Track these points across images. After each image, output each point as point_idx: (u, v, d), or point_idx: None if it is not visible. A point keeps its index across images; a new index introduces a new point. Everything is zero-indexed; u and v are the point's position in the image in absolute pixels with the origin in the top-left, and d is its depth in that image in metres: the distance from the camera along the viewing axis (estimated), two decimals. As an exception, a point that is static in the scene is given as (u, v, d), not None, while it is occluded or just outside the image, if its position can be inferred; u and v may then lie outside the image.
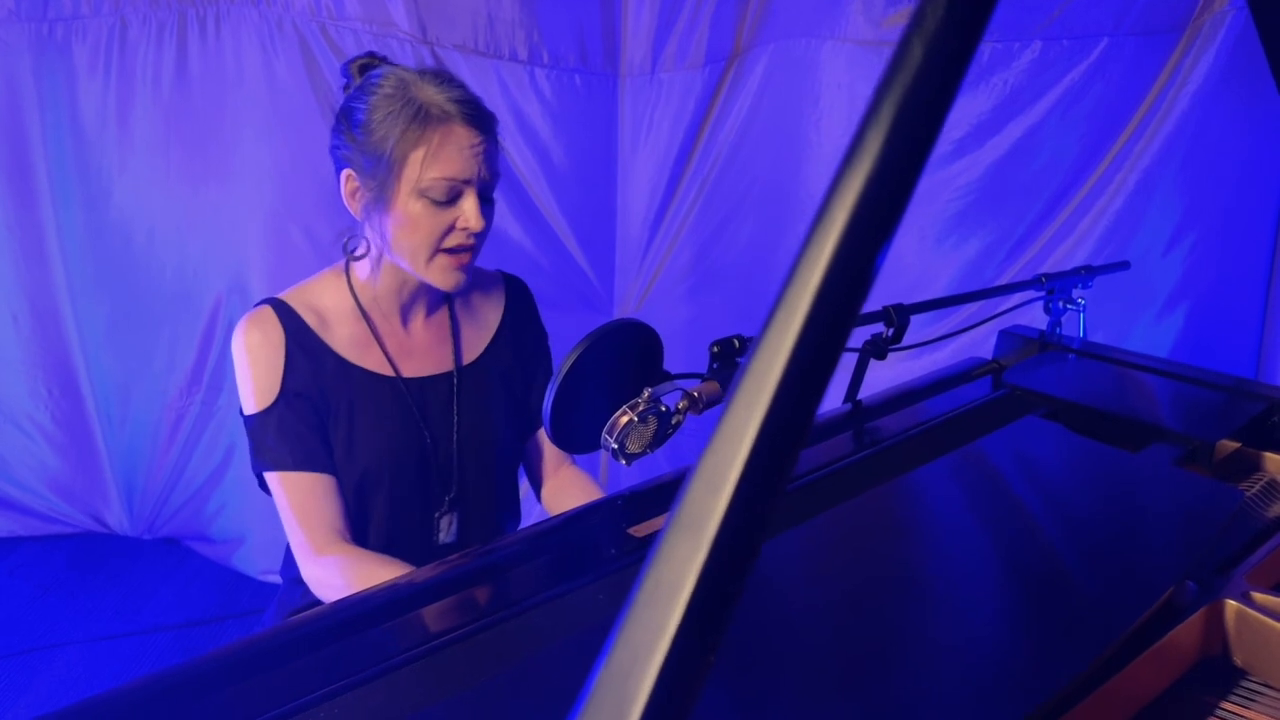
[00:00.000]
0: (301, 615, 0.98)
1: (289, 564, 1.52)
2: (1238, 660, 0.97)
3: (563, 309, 2.67)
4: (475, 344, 1.47)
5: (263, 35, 2.55)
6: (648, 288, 2.85)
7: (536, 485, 1.59)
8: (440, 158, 1.24)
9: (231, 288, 2.73)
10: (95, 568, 2.98)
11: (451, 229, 1.28)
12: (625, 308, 2.87)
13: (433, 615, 0.94)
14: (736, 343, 1.24)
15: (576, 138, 2.68)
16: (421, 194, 1.25)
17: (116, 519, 3.10)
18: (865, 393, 1.46)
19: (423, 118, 1.24)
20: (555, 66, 2.61)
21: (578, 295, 2.82)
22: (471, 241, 1.30)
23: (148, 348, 2.85)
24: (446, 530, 1.44)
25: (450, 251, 1.30)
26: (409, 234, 1.28)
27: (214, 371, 2.83)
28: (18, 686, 2.48)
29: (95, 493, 3.08)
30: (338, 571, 1.27)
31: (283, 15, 2.54)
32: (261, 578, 2.91)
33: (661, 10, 2.58)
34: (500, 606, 0.92)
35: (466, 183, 1.27)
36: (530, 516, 1.64)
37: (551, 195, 2.70)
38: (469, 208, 1.27)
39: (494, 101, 2.61)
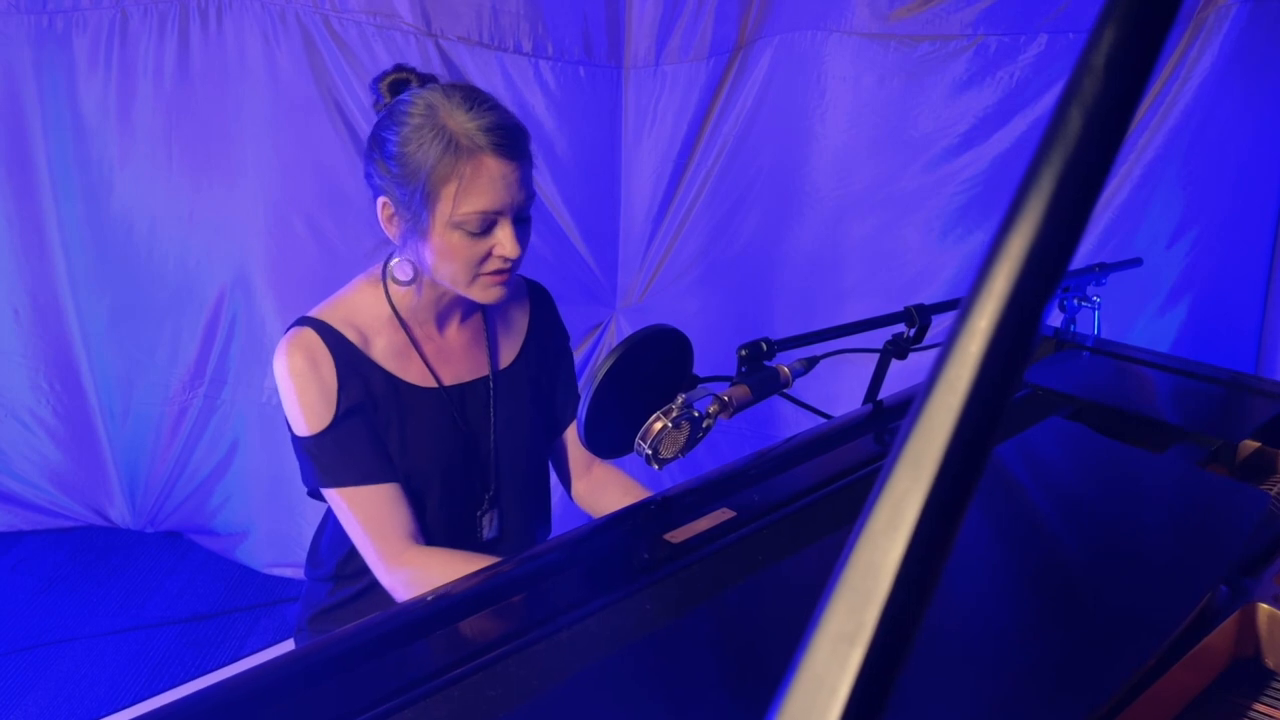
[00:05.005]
0: (332, 635, 0.97)
1: (314, 563, 1.54)
2: (1269, 662, 0.98)
3: (566, 301, 2.64)
4: (508, 349, 1.49)
5: (265, 27, 2.54)
6: (651, 280, 2.86)
7: (566, 481, 1.62)
8: (472, 191, 1.23)
9: (235, 280, 2.72)
10: (98, 561, 2.97)
11: (489, 255, 1.28)
12: (628, 300, 2.88)
13: (470, 631, 0.95)
14: (764, 345, 1.24)
15: (580, 130, 2.67)
16: (457, 226, 1.25)
17: (119, 513, 3.09)
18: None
19: (453, 150, 1.22)
20: (559, 59, 2.60)
21: (581, 287, 2.83)
22: (509, 265, 1.30)
23: (150, 341, 2.84)
24: (489, 527, 1.47)
25: (490, 273, 1.30)
26: (447, 262, 1.28)
27: (217, 364, 2.82)
28: (23, 684, 2.48)
29: (97, 486, 3.07)
30: (416, 578, 1.29)
31: (285, 7, 2.52)
32: (266, 571, 2.91)
33: (666, 2, 2.57)
34: (542, 619, 0.92)
35: (500, 213, 1.26)
36: (558, 511, 1.66)
37: (555, 187, 2.70)
38: (504, 237, 1.27)
39: (498, 94, 2.58)
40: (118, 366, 2.91)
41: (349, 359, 1.33)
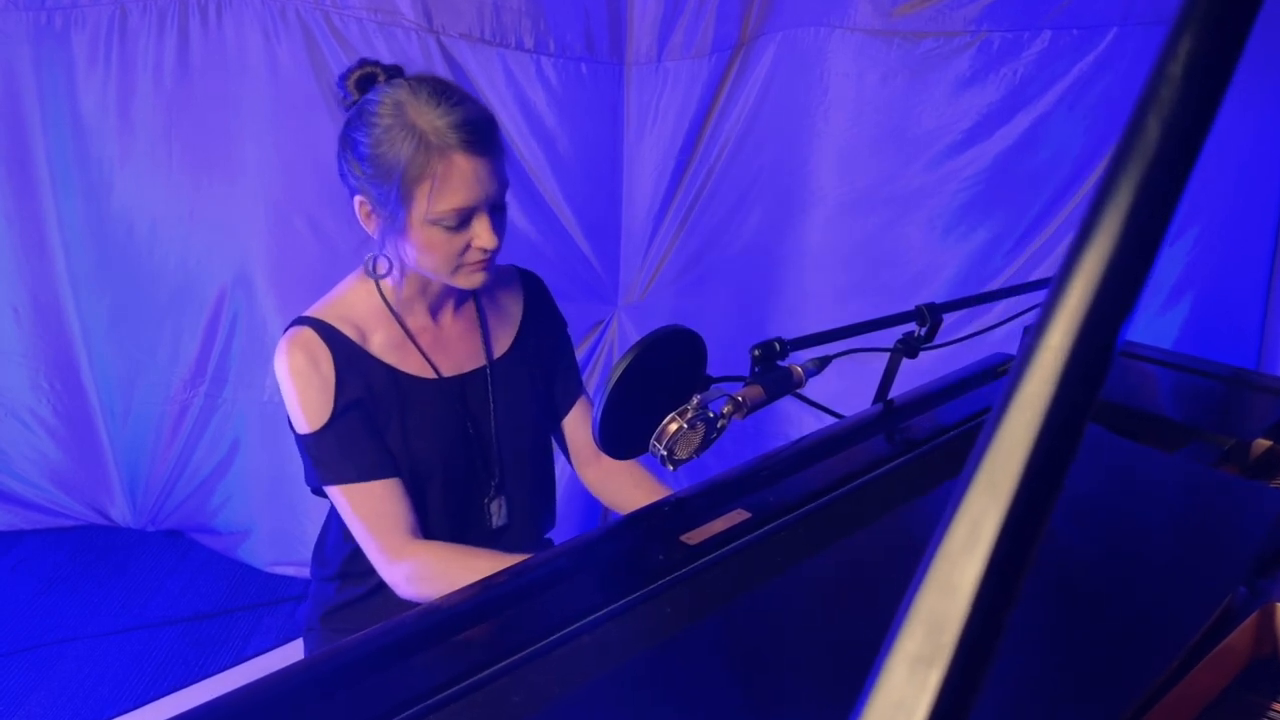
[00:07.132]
0: (350, 641, 0.96)
1: (320, 563, 1.54)
2: (1288, 663, 0.98)
3: (567, 298, 2.63)
4: (503, 338, 1.51)
5: (265, 23, 2.52)
6: (653, 277, 2.85)
7: (575, 465, 1.62)
8: (445, 190, 1.25)
9: (236, 279, 2.70)
10: (98, 561, 2.96)
11: (468, 247, 1.30)
12: (630, 297, 2.87)
13: (489, 636, 0.94)
14: (777, 345, 1.24)
15: (582, 127, 2.67)
16: (433, 223, 1.27)
17: (119, 512, 3.07)
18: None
19: (424, 150, 1.23)
20: (561, 55, 2.59)
21: (582, 284, 2.82)
22: (488, 255, 1.32)
23: (151, 340, 2.83)
24: (498, 515, 1.49)
25: (470, 264, 1.32)
26: (427, 256, 1.30)
27: (218, 363, 2.81)
28: (25, 685, 2.47)
29: (98, 485, 3.06)
30: (416, 572, 1.30)
31: (285, 3, 2.50)
32: (268, 569, 2.90)
33: (667, -2, 2.56)
34: (564, 624, 0.92)
35: (475, 208, 1.28)
36: (562, 502, 1.66)
37: (556, 184, 2.69)
38: (481, 229, 1.29)
39: (499, 91, 2.59)
40: (118, 365, 2.89)
41: (348, 355, 1.34)
